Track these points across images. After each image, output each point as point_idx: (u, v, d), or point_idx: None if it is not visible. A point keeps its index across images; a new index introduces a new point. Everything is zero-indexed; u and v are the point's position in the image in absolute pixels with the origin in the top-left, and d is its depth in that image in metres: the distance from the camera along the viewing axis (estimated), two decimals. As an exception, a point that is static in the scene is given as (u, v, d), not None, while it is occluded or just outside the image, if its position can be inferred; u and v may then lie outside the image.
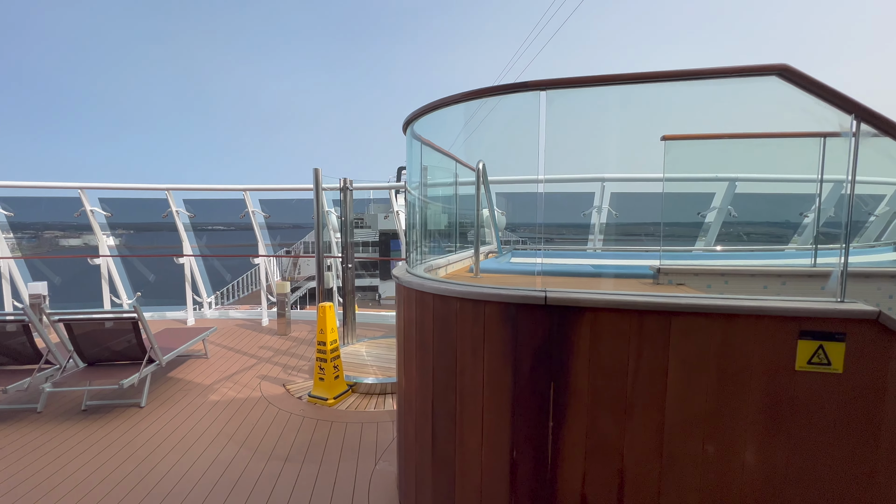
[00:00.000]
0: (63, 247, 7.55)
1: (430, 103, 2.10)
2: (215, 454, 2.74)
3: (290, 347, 5.06)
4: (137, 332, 3.42)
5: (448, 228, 3.19)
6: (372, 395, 3.64)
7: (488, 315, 1.61)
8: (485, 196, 3.07)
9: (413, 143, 2.37)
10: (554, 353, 1.51)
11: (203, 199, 6.17)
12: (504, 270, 2.85)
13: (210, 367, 4.38)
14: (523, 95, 1.67)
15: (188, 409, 3.41)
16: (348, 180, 4.55)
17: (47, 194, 6.25)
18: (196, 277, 6.16)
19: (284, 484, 2.43)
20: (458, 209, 3.27)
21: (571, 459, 1.53)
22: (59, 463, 2.64)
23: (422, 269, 2.38)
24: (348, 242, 4.62)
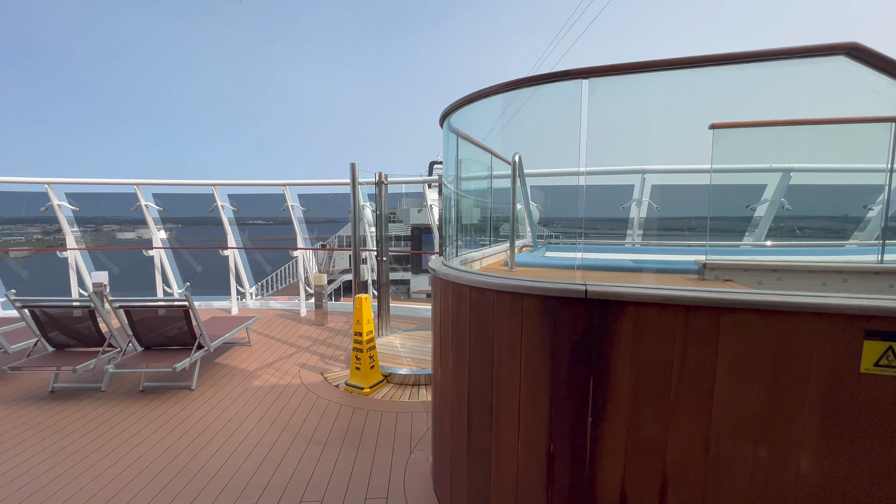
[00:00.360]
0: (119, 240, 8.11)
1: (467, 95, 2.10)
2: (259, 436, 2.88)
3: (326, 337, 5.22)
4: (188, 320, 3.63)
5: (483, 222, 3.18)
6: (406, 386, 3.71)
7: (526, 308, 1.60)
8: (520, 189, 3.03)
9: (450, 136, 2.37)
10: (594, 348, 1.48)
11: (246, 194, 6.45)
12: (539, 264, 2.81)
13: (253, 354, 4.60)
14: (564, 84, 1.64)
15: (234, 393, 3.59)
16: (383, 174, 4.62)
17: (107, 190, 6.72)
18: (239, 269, 6.45)
19: (324, 467, 2.52)
20: (492, 203, 3.25)
21: (611, 456, 1.50)
22: (122, 437, 2.86)
23: (458, 262, 2.39)
24: (383, 236, 4.70)
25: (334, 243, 18.90)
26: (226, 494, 2.28)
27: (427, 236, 26.80)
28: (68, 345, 3.79)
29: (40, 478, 2.43)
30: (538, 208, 4.29)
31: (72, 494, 2.28)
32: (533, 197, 4.43)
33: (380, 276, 4.86)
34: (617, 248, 3.98)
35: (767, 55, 1.32)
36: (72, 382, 3.75)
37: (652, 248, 3.95)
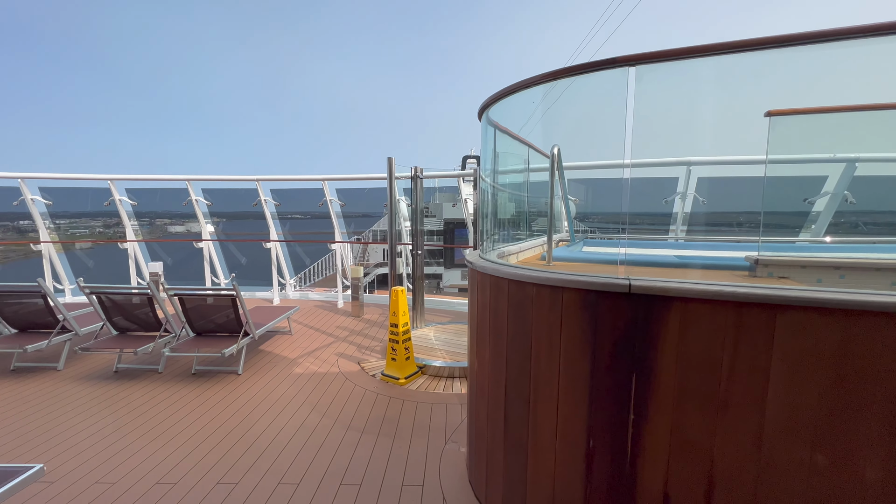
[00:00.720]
0: (170, 232, 8.64)
1: (506, 87, 2.08)
2: (301, 420, 3.01)
3: (363, 328, 5.36)
4: (236, 308, 3.83)
5: (519, 216, 3.16)
6: (440, 378, 3.75)
7: (566, 302, 1.58)
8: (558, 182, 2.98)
9: (488, 129, 2.37)
10: (637, 344, 1.45)
11: (287, 188, 6.69)
12: (577, 259, 2.76)
13: (293, 342, 4.79)
14: (609, 73, 1.59)
15: (277, 378, 3.77)
16: (419, 168, 4.66)
17: (161, 186, 7.16)
18: (281, 261, 6.73)
19: (362, 453, 2.61)
20: (529, 196, 3.21)
21: (653, 455, 1.47)
22: (179, 416, 3.07)
23: (494, 255, 2.39)
24: (418, 230, 4.75)
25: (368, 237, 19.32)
26: (273, 472, 2.40)
27: (460, 231, 26.81)
28: (129, 329, 4.09)
29: (109, 448, 2.65)
30: (576, 202, 4.19)
31: (138, 463, 2.48)
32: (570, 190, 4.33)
33: (415, 269, 4.92)
34: (659, 243, 3.84)
35: (835, 35, 1.23)
36: (132, 364, 4.05)
37: (697, 243, 3.78)
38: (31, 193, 6.20)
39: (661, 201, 4.30)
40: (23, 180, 6.09)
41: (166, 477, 2.37)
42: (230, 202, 7.49)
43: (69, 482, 2.32)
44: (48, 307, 3.97)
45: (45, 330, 4.14)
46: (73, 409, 3.18)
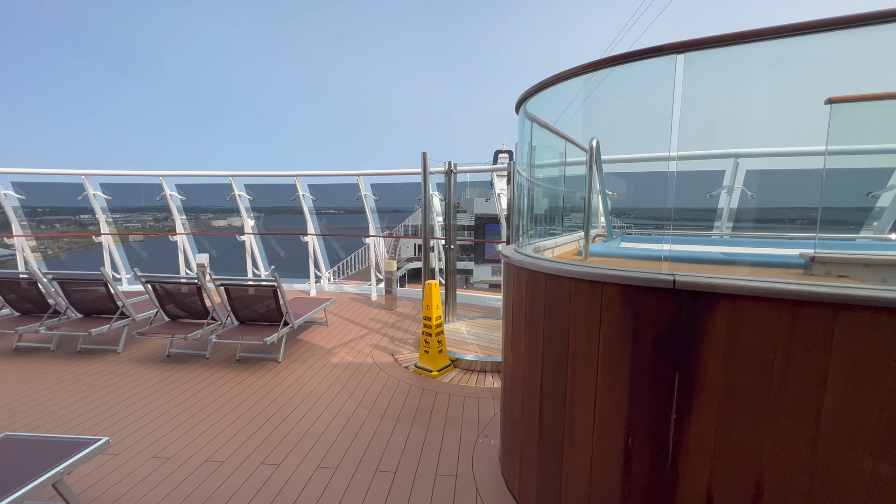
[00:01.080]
0: (213, 226, 9.09)
1: (545, 79, 2.05)
2: (338, 408, 3.11)
3: (396, 321, 5.46)
4: (277, 299, 4.00)
5: (554, 211, 3.11)
6: (472, 372, 3.77)
7: (606, 297, 1.55)
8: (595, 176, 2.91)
9: (525, 122, 2.34)
10: (681, 342, 1.41)
11: (323, 184, 6.88)
12: (614, 254, 2.69)
13: (329, 333, 4.94)
14: (655, 62, 1.54)
15: (314, 367, 3.90)
16: (452, 163, 4.67)
17: (206, 182, 7.53)
18: (317, 254, 6.94)
19: (396, 442, 2.67)
20: (564, 191, 3.16)
21: (697, 457, 1.42)
22: (225, 398, 3.25)
23: (530, 250, 2.38)
24: (451, 224, 4.77)
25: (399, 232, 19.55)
26: (312, 455, 2.51)
27: (491, 226, 26.63)
28: (180, 316, 4.35)
29: (164, 426, 2.85)
30: (613, 197, 4.08)
31: (190, 441, 2.65)
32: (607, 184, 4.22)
33: (447, 264, 4.95)
34: (703, 240, 3.68)
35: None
36: (183, 349, 4.31)
37: (744, 240, 3.59)
38: (93, 189, 6.68)
39: (704, 196, 4.11)
40: (86, 177, 6.57)
41: (215, 455, 2.52)
42: (270, 197, 7.79)
43: (129, 455, 2.52)
44: (109, 294, 4.29)
45: (106, 315, 4.47)
46: (131, 390, 3.43)
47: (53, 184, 7.16)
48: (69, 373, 3.76)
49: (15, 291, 4.46)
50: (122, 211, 8.07)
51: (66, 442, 2.08)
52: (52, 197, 7.59)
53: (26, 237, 6.66)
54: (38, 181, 6.95)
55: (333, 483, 2.27)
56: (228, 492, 2.19)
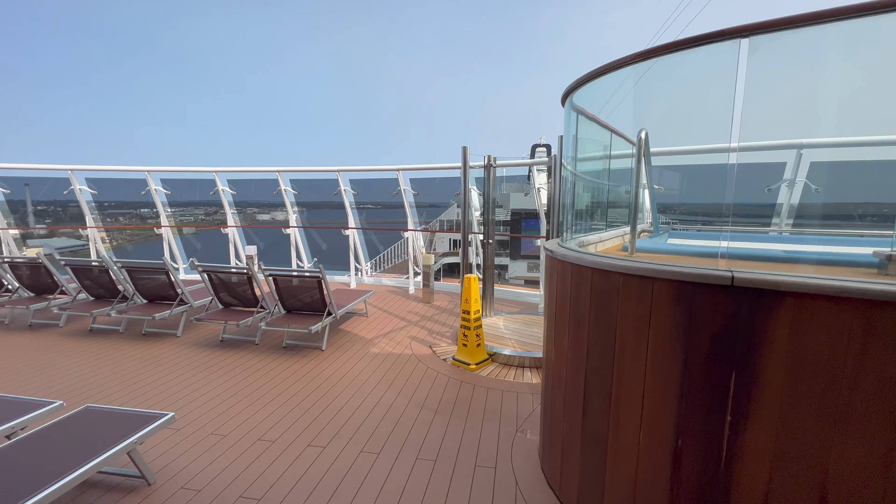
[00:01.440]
0: (258, 220, 9.52)
1: (594, 70, 2.00)
2: (379, 396, 3.21)
3: (433, 314, 5.53)
4: (321, 290, 4.15)
5: (598, 205, 3.03)
6: (510, 367, 3.76)
7: (657, 293, 1.51)
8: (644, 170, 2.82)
9: (571, 115, 2.30)
10: (738, 342, 1.35)
11: (364, 178, 7.05)
12: (662, 251, 2.60)
13: (369, 324, 5.08)
14: (715, 47, 1.46)
15: (356, 356, 4.03)
16: (492, 157, 4.65)
17: (254, 177, 7.90)
18: (357, 247, 7.13)
19: (436, 431, 2.72)
20: (609, 185, 3.07)
21: (753, 462, 1.36)
22: (273, 382, 3.43)
23: (574, 244, 2.34)
24: (490, 219, 4.76)
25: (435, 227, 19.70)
26: (356, 440, 2.61)
27: (528, 222, 26.24)
28: (232, 304, 4.62)
29: (219, 406, 3.05)
30: (660, 191, 3.92)
31: (243, 421, 2.83)
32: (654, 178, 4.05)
33: (485, 258, 4.95)
34: (760, 236, 3.47)
35: None
36: (234, 334, 4.58)
37: (808, 237, 3.35)
38: (154, 184, 7.18)
39: (761, 190, 3.86)
40: (149, 173, 7.08)
41: (266, 434, 2.67)
42: (313, 192, 8.06)
43: (190, 431, 2.72)
44: (170, 282, 4.61)
45: (167, 301, 4.82)
46: (189, 371, 3.69)
47: (120, 179, 7.77)
48: (136, 353, 4.09)
49: (90, 278, 4.89)
50: (178, 205, 8.63)
51: (138, 415, 2.28)
52: (119, 192, 8.22)
53: (97, 229, 7.26)
54: (107, 177, 7.56)
55: (376, 468, 2.35)
56: (279, 470, 2.32)
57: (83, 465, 1.86)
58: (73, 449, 1.99)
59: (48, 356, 4.01)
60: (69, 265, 4.86)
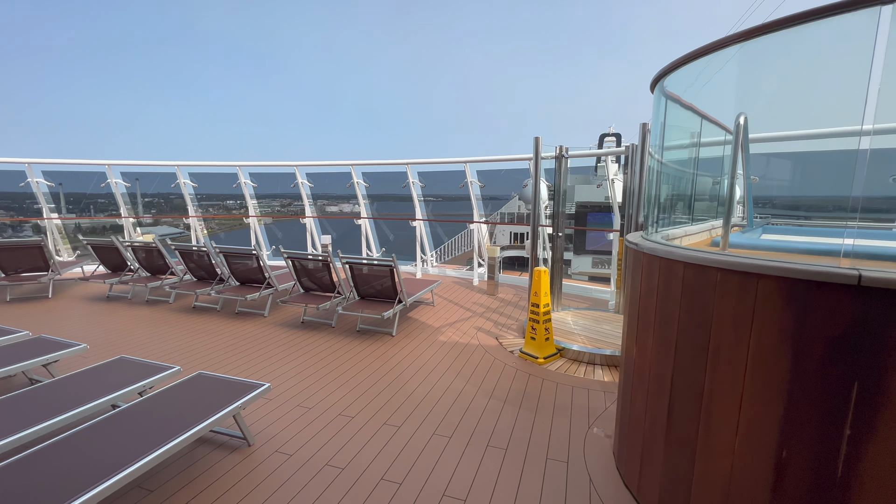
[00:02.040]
0: (327, 211, 10.08)
1: (688, 53, 1.88)
2: (448, 383, 3.30)
3: (498, 307, 5.53)
4: (393, 278, 4.34)
5: (686, 197, 2.84)
6: (580, 363, 3.68)
7: (762, 291, 1.40)
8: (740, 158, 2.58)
9: (660, 101, 2.17)
10: (863, 348, 1.21)
11: (431, 171, 7.19)
12: (757, 247, 2.38)
13: (435, 313, 5.21)
14: (844, 19, 1.30)
15: (424, 343, 4.17)
16: (564, 148, 4.52)
17: (329, 171, 8.37)
18: (423, 239, 7.31)
19: (505, 422, 2.75)
20: (697, 174, 2.86)
21: (878, 483, 1.23)
22: (350, 363, 3.67)
23: (659, 238, 2.22)
24: (560, 211, 4.65)
25: (496, 219, 19.57)
26: (428, 423, 2.71)
27: (594, 215, 25.13)
28: (312, 289, 4.98)
29: (303, 381, 3.32)
30: (755, 181, 3.56)
31: (325, 396, 3.06)
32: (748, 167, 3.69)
33: (554, 252, 4.85)
34: (883, 232, 3.04)
35: None
36: (314, 317, 4.94)
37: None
38: (244, 178, 7.89)
39: (886, 180, 3.34)
40: (240, 168, 7.79)
41: (346, 410, 2.87)
42: (382, 184, 8.38)
43: (279, 402, 2.99)
44: (259, 267, 5.08)
45: (256, 284, 5.31)
46: (276, 347, 4.05)
47: (213, 174, 8.63)
48: (230, 329, 4.57)
49: (194, 261, 5.53)
50: (261, 197, 9.42)
51: (241, 383, 2.56)
52: (212, 185, 9.14)
53: (197, 218, 8.16)
54: (204, 172, 8.45)
55: (448, 451, 2.43)
56: (359, 444, 2.49)
57: (201, 422, 2.14)
58: (192, 408, 2.29)
59: (162, 327, 4.61)
60: (178, 249, 5.53)
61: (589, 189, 25.35)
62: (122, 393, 2.50)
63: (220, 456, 2.37)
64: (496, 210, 23.72)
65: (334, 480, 2.18)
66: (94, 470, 1.78)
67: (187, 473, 2.22)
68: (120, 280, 5.72)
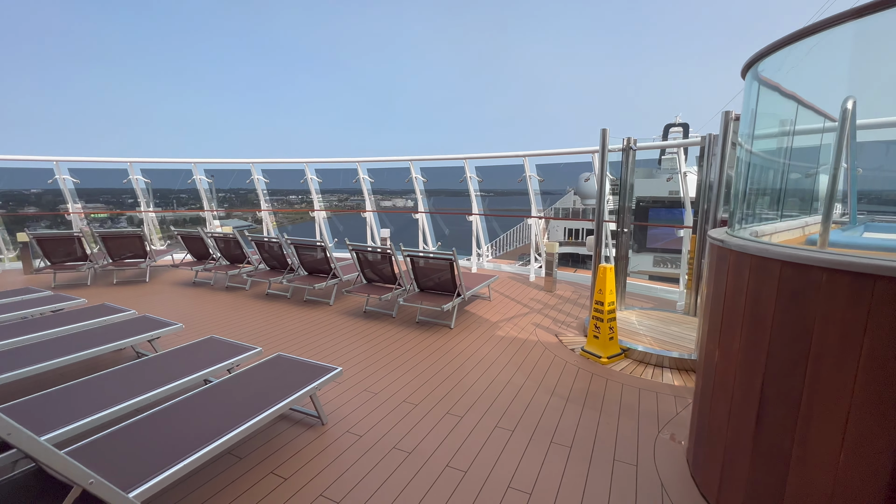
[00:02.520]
0: (380, 206, 10.36)
1: (791, 34, 1.72)
2: (508, 377, 3.30)
3: (556, 303, 5.43)
4: (452, 271, 4.40)
5: (773, 191, 2.61)
6: (647, 365, 3.52)
7: (879, 294, 1.26)
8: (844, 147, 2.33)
9: (752, 86, 2.01)
10: None
11: (488, 165, 7.17)
12: (861, 245, 2.14)
13: (492, 308, 5.22)
14: None
15: (482, 337, 4.20)
16: (632, 139, 4.31)
17: (386, 166, 8.62)
18: (479, 233, 7.32)
19: (568, 419, 2.70)
20: (791, 164, 2.62)
21: None
22: (410, 353, 3.78)
23: (747, 234, 2.07)
24: (626, 206, 4.45)
25: (550, 215, 19.10)
26: (490, 415, 2.74)
27: (656, 211, 23.74)
28: (374, 280, 5.18)
29: (368, 367, 3.48)
30: (860, 173, 3.18)
31: (389, 383, 3.19)
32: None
33: (618, 248, 4.66)
34: None
35: None
36: (375, 307, 5.14)
37: None
38: (310, 174, 8.34)
39: None
40: (307, 165, 8.25)
41: (410, 398, 2.97)
42: (438, 179, 8.48)
43: (348, 386, 3.16)
44: (326, 258, 5.37)
45: (322, 274, 5.62)
46: (341, 334, 4.27)
47: (281, 170, 9.20)
48: (299, 316, 4.88)
49: (268, 252, 5.96)
50: (323, 192, 9.90)
51: (316, 365, 2.74)
52: (280, 180, 9.75)
53: (269, 211, 8.76)
54: (273, 168, 9.03)
55: (511, 444, 2.45)
56: (423, 430, 2.58)
57: (284, 399, 2.32)
58: (274, 386, 2.49)
59: (240, 311, 5.03)
60: (254, 240, 5.99)
61: (650, 183, 23.95)
62: (214, 369, 2.77)
63: (297, 432, 2.56)
64: (550, 205, 23.12)
65: (402, 463, 2.27)
66: (196, 436, 2.00)
67: (269, 445, 2.42)
68: (204, 268, 6.31)
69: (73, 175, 7.99)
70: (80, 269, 6.28)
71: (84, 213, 8.33)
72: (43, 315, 3.96)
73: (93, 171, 8.57)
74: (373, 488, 2.08)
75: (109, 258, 6.56)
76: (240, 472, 2.19)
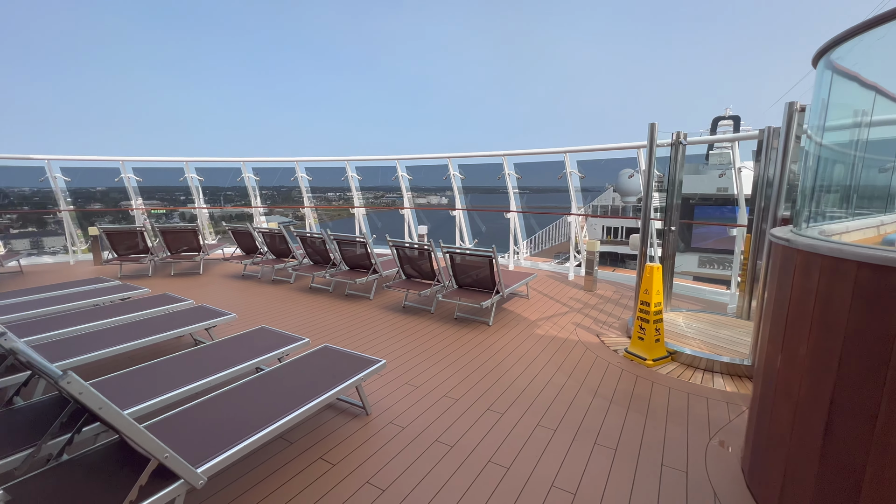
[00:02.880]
0: (416, 203, 10.43)
1: (871, 18, 1.59)
2: (549, 376, 3.27)
3: (597, 303, 5.30)
4: (491, 268, 4.40)
5: (842, 187, 2.43)
6: (695, 369, 3.38)
7: (977, 301, 1.15)
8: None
9: (824, 75, 1.88)
10: None
11: (527, 162, 7.07)
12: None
13: (531, 306, 5.16)
14: None
15: (521, 335, 4.17)
16: (682, 134, 4.13)
17: (424, 163, 8.69)
18: (517, 231, 7.25)
19: (613, 421, 2.65)
20: (865, 157, 2.42)
21: None
22: (449, 349, 3.82)
23: (815, 233, 1.94)
24: (674, 204, 4.27)
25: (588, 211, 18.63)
26: (531, 413, 2.73)
27: (702, 209, 22.58)
28: (413, 276, 5.26)
29: (408, 361, 3.54)
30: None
31: (430, 377, 3.24)
32: None
33: (665, 247, 4.48)
34: None
35: None
36: (414, 302, 5.22)
37: None
38: (351, 171, 8.56)
39: None
40: (348, 163, 8.47)
41: (450, 392, 3.01)
42: (475, 176, 8.47)
43: (389, 378, 3.24)
44: (367, 253, 5.50)
45: (363, 269, 5.76)
46: (381, 328, 4.37)
47: (321, 168, 9.49)
48: (341, 309, 5.03)
49: (311, 247, 6.19)
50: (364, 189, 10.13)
51: (361, 358, 2.82)
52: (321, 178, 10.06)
53: (311, 208, 9.07)
54: (316, 167, 9.33)
55: (553, 443, 2.43)
56: (465, 425, 2.60)
57: (331, 388, 2.42)
58: (322, 376, 2.59)
59: (286, 304, 5.26)
60: (298, 235, 6.23)
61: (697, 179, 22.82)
62: (265, 358, 2.92)
63: (343, 421, 2.65)
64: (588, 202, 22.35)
65: (444, 456, 2.31)
66: (253, 419, 2.11)
67: (317, 432, 2.52)
68: (252, 262, 6.62)
69: (135, 174, 8.61)
70: (142, 261, 6.77)
71: (145, 209, 8.96)
72: (113, 303, 4.31)
73: (152, 170, 9.20)
74: (416, 479, 2.13)
75: (168, 251, 7.02)
76: (291, 455, 2.30)
